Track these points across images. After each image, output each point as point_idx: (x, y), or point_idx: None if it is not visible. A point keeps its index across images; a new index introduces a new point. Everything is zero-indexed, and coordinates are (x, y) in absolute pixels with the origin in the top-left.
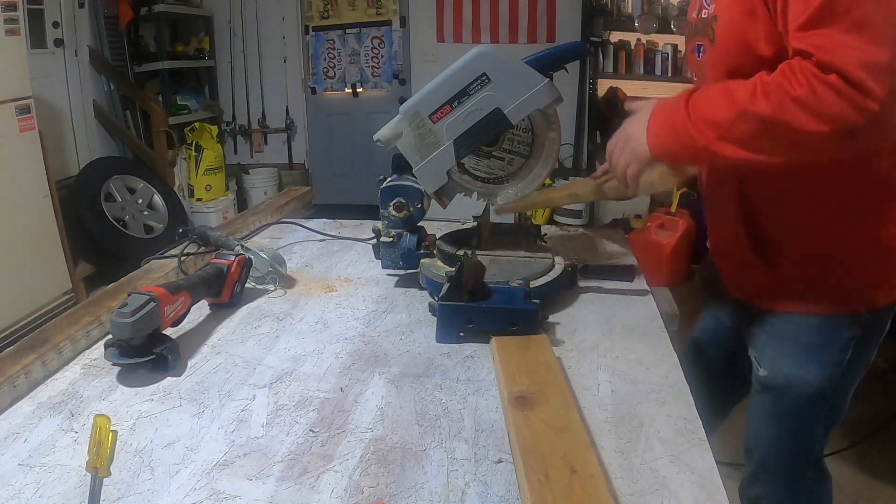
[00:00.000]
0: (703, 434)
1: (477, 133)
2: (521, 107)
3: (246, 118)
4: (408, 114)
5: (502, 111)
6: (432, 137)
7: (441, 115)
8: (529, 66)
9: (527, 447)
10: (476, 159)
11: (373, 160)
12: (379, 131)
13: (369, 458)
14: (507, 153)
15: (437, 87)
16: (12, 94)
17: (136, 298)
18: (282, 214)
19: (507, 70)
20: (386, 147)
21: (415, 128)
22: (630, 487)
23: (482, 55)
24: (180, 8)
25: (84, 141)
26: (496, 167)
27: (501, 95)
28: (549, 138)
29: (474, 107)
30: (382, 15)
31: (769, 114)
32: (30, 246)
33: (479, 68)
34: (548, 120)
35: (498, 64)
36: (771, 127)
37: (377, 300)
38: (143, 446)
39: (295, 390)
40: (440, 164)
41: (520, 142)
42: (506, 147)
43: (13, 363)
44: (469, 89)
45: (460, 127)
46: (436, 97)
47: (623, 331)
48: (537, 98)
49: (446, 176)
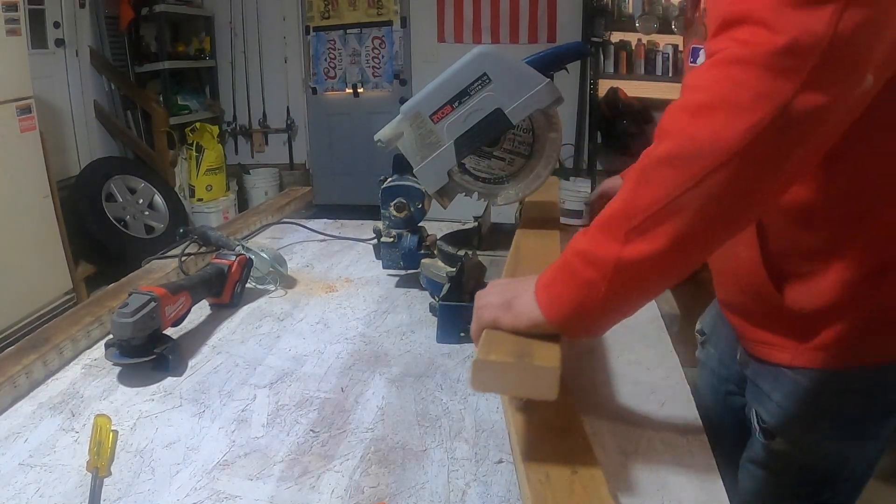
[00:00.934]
0: (704, 434)
1: (478, 133)
2: (522, 107)
3: (247, 118)
4: (408, 114)
5: (503, 111)
6: (433, 137)
7: (442, 116)
8: (530, 66)
9: (527, 447)
10: (477, 159)
11: (373, 160)
12: (380, 132)
13: (370, 459)
14: (508, 153)
15: (437, 87)
16: (13, 94)
17: (137, 298)
18: (282, 214)
19: (507, 70)
20: (387, 147)
21: (416, 128)
22: (631, 488)
23: (483, 55)
24: (181, 8)
25: (85, 141)
26: (497, 167)
27: (502, 95)
28: (550, 139)
29: (475, 107)
30: (383, 15)
31: (672, 145)
32: (30, 246)
33: (480, 68)
34: (549, 120)
35: (499, 64)
36: (681, 160)
37: (378, 300)
38: (144, 446)
39: (296, 390)
40: (441, 164)
41: (521, 142)
42: (507, 147)
43: (14, 363)
44: (470, 89)
45: (461, 127)
46: (436, 97)
47: (623, 331)
48: (538, 98)
49: (447, 176)
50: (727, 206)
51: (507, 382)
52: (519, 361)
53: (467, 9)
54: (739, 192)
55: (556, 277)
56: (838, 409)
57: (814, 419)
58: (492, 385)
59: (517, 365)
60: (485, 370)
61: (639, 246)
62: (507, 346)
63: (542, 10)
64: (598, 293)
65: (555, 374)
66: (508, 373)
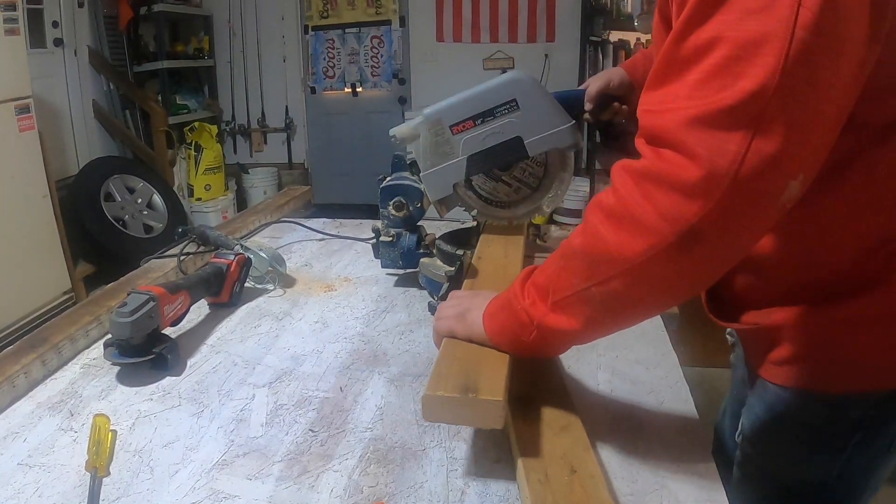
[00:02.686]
0: (703, 434)
1: (493, 155)
2: (541, 142)
3: (245, 118)
4: (430, 119)
5: (522, 141)
6: (448, 147)
7: (462, 129)
8: (560, 100)
9: (526, 447)
10: (485, 179)
11: (372, 159)
12: (397, 128)
13: (369, 458)
14: (516, 181)
15: (464, 100)
16: (12, 93)
17: (136, 298)
18: (281, 214)
19: (537, 102)
20: (400, 145)
21: (433, 134)
22: (630, 487)
23: (517, 81)
24: (180, 7)
25: (84, 140)
26: (502, 192)
27: (526, 125)
28: (560, 177)
29: (496, 129)
30: (382, 14)
31: (586, 241)
32: (29, 245)
33: (511, 93)
34: (564, 160)
35: (530, 94)
36: (590, 258)
37: (377, 299)
38: (143, 446)
39: (294, 390)
40: (449, 175)
41: (531, 174)
42: (516, 175)
43: (13, 363)
44: (496, 111)
45: (478, 145)
46: (461, 110)
47: (623, 330)
48: (559, 138)
49: (451, 188)
50: (630, 303)
51: (456, 414)
52: (464, 396)
53: (466, 8)
54: (639, 297)
55: (500, 311)
56: (803, 419)
57: (777, 426)
58: (442, 417)
59: (463, 400)
60: (433, 404)
61: (560, 318)
62: (454, 380)
63: (541, 9)
64: (529, 335)
65: (499, 406)
66: (456, 406)
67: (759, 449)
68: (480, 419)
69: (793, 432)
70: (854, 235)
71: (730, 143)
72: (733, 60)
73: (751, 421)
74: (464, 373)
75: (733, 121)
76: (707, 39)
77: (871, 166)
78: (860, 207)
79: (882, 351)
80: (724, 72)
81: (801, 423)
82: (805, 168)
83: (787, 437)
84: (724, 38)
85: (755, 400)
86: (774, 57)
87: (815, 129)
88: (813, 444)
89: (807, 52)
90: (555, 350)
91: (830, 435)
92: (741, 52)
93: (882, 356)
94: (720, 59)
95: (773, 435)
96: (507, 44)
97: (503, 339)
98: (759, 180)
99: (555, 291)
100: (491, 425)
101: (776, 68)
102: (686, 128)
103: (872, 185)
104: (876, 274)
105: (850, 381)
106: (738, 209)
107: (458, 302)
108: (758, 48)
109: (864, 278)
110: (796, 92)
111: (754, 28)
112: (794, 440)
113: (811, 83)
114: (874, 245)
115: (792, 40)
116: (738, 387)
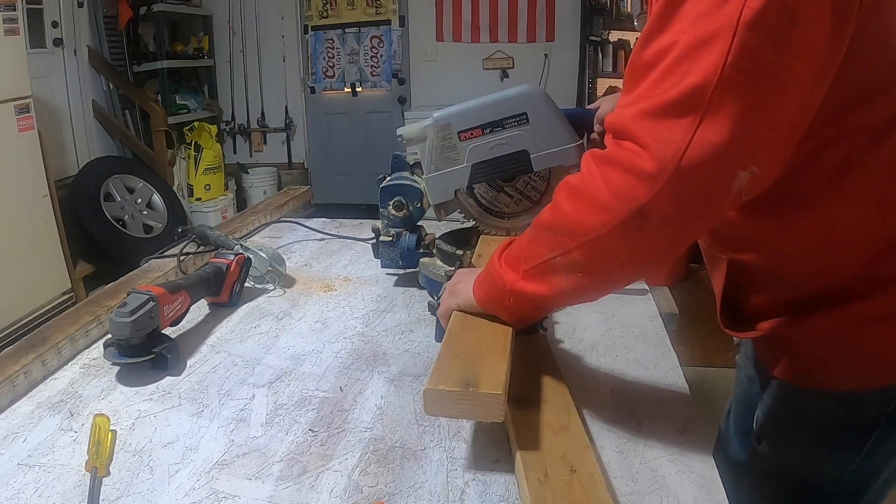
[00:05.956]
0: (703, 434)
1: (498, 166)
2: (547, 157)
3: (245, 117)
4: (439, 122)
5: (529, 154)
6: (454, 153)
7: (470, 136)
8: (570, 118)
9: (526, 447)
10: (487, 188)
11: (372, 159)
12: (404, 128)
13: (368, 458)
14: (517, 193)
15: (475, 107)
16: (11, 93)
17: (136, 298)
18: (281, 214)
19: (547, 118)
20: (406, 145)
21: (441, 138)
22: (629, 487)
23: (529, 95)
24: (179, 7)
25: (83, 140)
26: (503, 202)
27: (533, 140)
28: None
29: (504, 140)
30: (382, 14)
31: (552, 215)
32: (29, 245)
33: (522, 107)
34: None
35: (541, 110)
36: (556, 231)
37: (376, 299)
38: (143, 446)
39: (294, 390)
40: (452, 181)
41: (533, 187)
42: (519, 187)
43: (12, 363)
44: (506, 122)
45: (484, 154)
46: (471, 117)
47: (622, 330)
48: (565, 155)
49: (453, 193)
50: (590, 273)
51: (457, 408)
52: (465, 390)
53: (466, 8)
54: (598, 268)
55: (484, 281)
56: (817, 416)
57: (794, 424)
58: (443, 410)
59: (464, 393)
60: (434, 398)
61: (529, 284)
62: (454, 374)
63: (541, 9)
64: (508, 300)
65: (499, 400)
66: (457, 400)
67: (776, 448)
68: (481, 413)
69: (810, 431)
70: (864, 237)
71: (674, 132)
72: (683, 60)
73: (766, 420)
74: (464, 367)
75: (678, 112)
76: (664, 45)
77: (870, 168)
78: (867, 209)
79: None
80: (675, 70)
81: (818, 421)
82: (757, 160)
83: (804, 435)
84: (677, 42)
85: (770, 399)
86: (718, 53)
87: (762, 122)
88: (830, 441)
89: (749, 47)
90: (533, 314)
91: (848, 432)
92: (690, 52)
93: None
94: (672, 60)
95: (790, 434)
96: (506, 44)
97: (489, 305)
98: (704, 168)
99: (525, 260)
100: (491, 418)
101: (719, 63)
102: (638, 120)
103: (875, 187)
104: (890, 272)
105: (867, 378)
106: (686, 193)
107: (458, 278)
108: (705, 47)
109: (878, 277)
110: (739, 85)
111: (703, 30)
112: (811, 438)
113: (755, 76)
114: (885, 245)
115: (734, 37)
116: (744, 386)
